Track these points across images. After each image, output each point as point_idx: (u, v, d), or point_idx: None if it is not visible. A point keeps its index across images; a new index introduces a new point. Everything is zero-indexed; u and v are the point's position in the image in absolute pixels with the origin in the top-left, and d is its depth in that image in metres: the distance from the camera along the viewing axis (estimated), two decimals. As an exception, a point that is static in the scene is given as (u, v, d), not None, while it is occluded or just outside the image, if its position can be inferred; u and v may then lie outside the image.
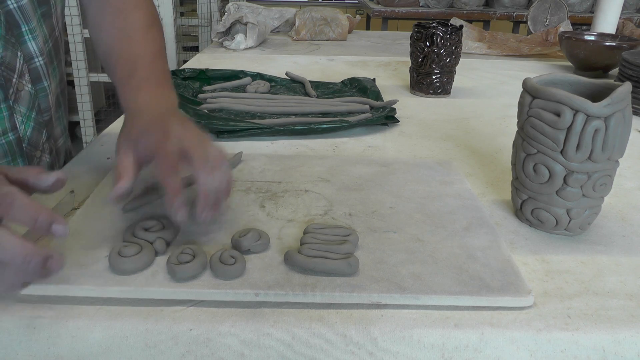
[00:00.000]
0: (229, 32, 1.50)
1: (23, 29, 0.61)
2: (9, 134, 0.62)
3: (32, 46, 0.63)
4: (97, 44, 0.70)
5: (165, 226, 0.50)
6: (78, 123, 2.55)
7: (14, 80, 0.61)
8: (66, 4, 2.32)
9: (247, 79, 1.06)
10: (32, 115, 0.65)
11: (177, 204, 0.46)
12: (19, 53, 0.61)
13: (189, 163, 0.49)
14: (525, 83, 0.54)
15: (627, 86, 0.50)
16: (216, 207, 0.49)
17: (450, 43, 1.01)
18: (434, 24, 1.01)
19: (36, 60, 0.64)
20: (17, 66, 0.61)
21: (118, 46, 0.67)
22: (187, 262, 0.45)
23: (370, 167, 0.67)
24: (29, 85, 0.63)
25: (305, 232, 0.51)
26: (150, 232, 0.49)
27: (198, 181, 0.48)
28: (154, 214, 0.54)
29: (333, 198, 0.59)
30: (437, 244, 0.51)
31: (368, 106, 0.91)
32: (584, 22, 2.71)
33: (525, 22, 1.93)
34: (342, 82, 1.09)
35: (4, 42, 0.59)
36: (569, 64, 1.36)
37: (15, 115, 0.62)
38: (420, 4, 3.05)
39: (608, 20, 1.42)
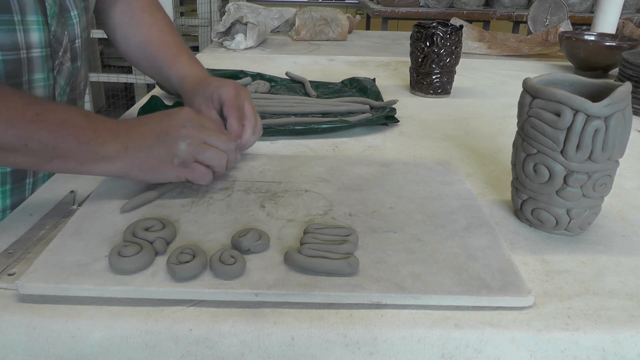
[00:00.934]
0: (229, 32, 1.50)
1: (72, 13, 0.70)
2: None
3: (77, 29, 0.71)
4: (127, 38, 0.84)
5: (165, 226, 0.50)
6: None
7: (60, 53, 0.68)
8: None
9: (247, 79, 1.06)
10: (67, 90, 0.71)
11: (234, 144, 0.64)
12: (66, 32, 0.69)
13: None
14: (525, 83, 0.54)
15: (627, 86, 0.50)
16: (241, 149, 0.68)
17: (450, 43, 1.01)
18: (434, 24, 1.01)
19: (77, 41, 0.73)
20: (64, 42, 0.69)
21: (157, 37, 0.82)
22: (187, 262, 0.45)
23: (370, 167, 0.67)
24: (69, 62, 0.70)
25: (305, 232, 0.51)
26: (150, 232, 0.49)
27: (246, 130, 0.67)
28: (154, 214, 0.54)
29: (333, 198, 0.59)
30: (437, 244, 0.51)
31: (368, 106, 0.91)
32: (584, 22, 2.71)
33: (525, 22, 1.93)
34: (342, 82, 1.09)
35: (57, 20, 0.66)
36: (569, 64, 1.36)
37: (55, 87, 0.69)
38: (420, 4, 3.05)
39: (608, 20, 1.42)
